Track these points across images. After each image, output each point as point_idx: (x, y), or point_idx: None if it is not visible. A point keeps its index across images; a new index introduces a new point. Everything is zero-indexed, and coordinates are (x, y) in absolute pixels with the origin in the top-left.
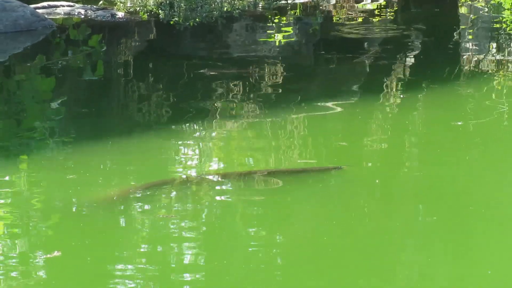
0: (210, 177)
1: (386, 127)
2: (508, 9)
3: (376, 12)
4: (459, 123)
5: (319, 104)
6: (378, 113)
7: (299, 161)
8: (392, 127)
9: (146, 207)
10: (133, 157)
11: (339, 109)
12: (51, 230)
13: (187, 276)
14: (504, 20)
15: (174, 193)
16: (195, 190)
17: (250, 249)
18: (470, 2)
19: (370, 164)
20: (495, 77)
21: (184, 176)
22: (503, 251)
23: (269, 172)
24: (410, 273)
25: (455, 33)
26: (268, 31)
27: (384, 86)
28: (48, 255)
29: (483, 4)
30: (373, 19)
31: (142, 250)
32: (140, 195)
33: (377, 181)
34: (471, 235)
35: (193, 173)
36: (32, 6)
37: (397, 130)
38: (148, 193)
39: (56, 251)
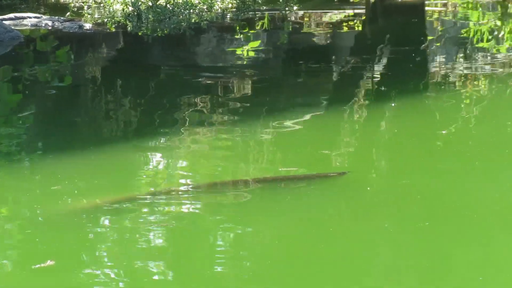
0: (203, 185)
1: (360, 135)
2: (475, 21)
3: (344, 23)
4: (437, 131)
5: (290, 114)
6: (350, 122)
7: (280, 169)
8: (366, 135)
9: (130, 217)
10: (103, 169)
11: (315, 118)
12: (35, 241)
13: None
14: (471, 32)
15: (162, 203)
16: (189, 199)
17: (238, 257)
18: (437, 15)
19: (351, 172)
20: (463, 87)
21: (181, 186)
22: (495, 257)
23: (268, 179)
24: (400, 278)
25: (423, 44)
26: (236, 43)
27: (353, 96)
28: (42, 264)
29: (450, 17)
30: (341, 30)
31: (130, 259)
32: (119, 206)
33: (368, 188)
34: (464, 240)
35: (184, 182)
36: None
37: (371, 138)
38: (127, 204)
39: (49, 260)
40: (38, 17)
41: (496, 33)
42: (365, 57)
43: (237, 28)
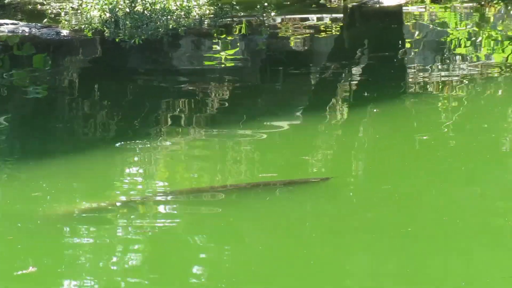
0: (182, 190)
1: (342, 141)
2: (452, 27)
3: (322, 28)
4: (418, 136)
5: (270, 119)
6: (331, 128)
7: (262, 175)
8: (348, 141)
9: (111, 223)
10: (83, 175)
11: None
12: (16, 247)
13: None
14: (449, 37)
15: (143, 209)
16: (168, 205)
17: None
18: (415, 20)
19: (334, 177)
20: (442, 92)
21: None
22: (477, 260)
23: (251, 184)
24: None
25: (401, 49)
26: (214, 49)
27: (334, 101)
28: (24, 271)
29: (428, 22)
30: (319, 36)
31: (111, 265)
32: (100, 212)
33: (351, 193)
34: (446, 245)
35: (164, 187)
36: None
37: (353, 144)
38: (108, 209)
39: (31, 267)
40: (15, 24)
41: (473, 38)
42: (343, 62)
43: (215, 34)
